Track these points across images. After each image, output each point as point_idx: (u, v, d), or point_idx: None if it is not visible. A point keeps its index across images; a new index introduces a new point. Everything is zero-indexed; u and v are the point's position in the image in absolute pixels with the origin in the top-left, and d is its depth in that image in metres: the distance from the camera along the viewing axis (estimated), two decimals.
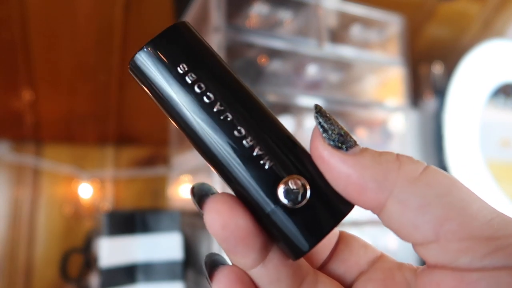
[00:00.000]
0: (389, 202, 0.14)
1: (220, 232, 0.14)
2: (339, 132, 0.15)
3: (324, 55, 0.71)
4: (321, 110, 0.15)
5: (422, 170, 0.14)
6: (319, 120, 0.15)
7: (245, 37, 0.64)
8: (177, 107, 0.16)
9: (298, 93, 0.69)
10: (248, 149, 0.15)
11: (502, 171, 0.94)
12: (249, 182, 0.15)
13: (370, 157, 0.14)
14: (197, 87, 0.15)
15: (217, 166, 0.16)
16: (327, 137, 0.15)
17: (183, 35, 0.16)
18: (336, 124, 0.15)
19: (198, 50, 0.16)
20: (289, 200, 0.14)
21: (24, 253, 0.89)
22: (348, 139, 0.15)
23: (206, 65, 0.16)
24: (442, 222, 0.13)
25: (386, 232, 0.73)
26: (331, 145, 0.15)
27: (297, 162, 0.15)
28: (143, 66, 0.16)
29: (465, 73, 0.92)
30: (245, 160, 0.15)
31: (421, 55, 1.00)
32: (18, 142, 0.92)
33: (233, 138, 0.15)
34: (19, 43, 0.77)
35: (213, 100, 0.15)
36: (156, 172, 0.99)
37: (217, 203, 0.15)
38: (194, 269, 0.67)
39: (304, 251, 0.15)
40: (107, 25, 0.80)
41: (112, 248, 0.57)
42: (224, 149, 0.15)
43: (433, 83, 0.96)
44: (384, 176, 0.14)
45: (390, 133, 0.78)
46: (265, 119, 0.16)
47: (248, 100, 0.16)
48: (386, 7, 0.79)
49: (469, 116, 0.92)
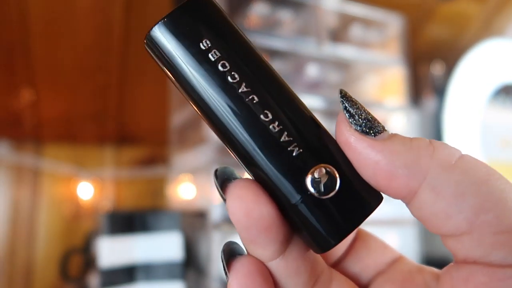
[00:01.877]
0: (421, 190, 0.13)
1: (243, 219, 0.13)
2: (366, 117, 0.14)
3: (324, 55, 0.71)
4: (346, 95, 0.15)
5: (458, 157, 0.13)
6: (345, 105, 0.14)
7: None
8: (197, 86, 0.14)
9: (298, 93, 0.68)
10: (275, 134, 0.14)
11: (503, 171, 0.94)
12: (275, 170, 0.14)
13: (400, 142, 0.13)
14: (220, 66, 0.14)
15: (239, 152, 0.14)
16: (354, 122, 0.14)
17: (206, 8, 0.15)
18: (363, 108, 0.14)
19: (222, 26, 0.15)
20: (318, 190, 0.14)
21: (24, 253, 0.89)
22: (376, 124, 0.14)
23: (231, 42, 0.15)
24: (478, 212, 0.12)
25: (386, 232, 0.73)
26: (358, 131, 0.14)
27: (326, 150, 0.14)
28: (160, 41, 0.14)
29: (465, 73, 0.92)
30: (272, 146, 0.14)
31: (421, 55, 1.00)
32: (18, 142, 0.92)
33: (259, 122, 0.14)
34: (19, 43, 0.77)
35: (238, 80, 0.14)
36: (156, 172, 0.99)
37: (241, 188, 0.14)
38: (194, 269, 0.67)
39: (331, 244, 0.14)
40: (107, 25, 0.80)
41: (112, 248, 0.57)
42: (249, 133, 0.14)
43: (433, 83, 0.96)
44: (416, 162, 0.13)
45: None
46: (293, 103, 0.15)
47: (275, 82, 0.15)
48: (386, 7, 0.79)
49: (469, 116, 0.92)
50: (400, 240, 0.73)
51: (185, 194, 0.78)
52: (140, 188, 1.00)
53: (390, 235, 0.73)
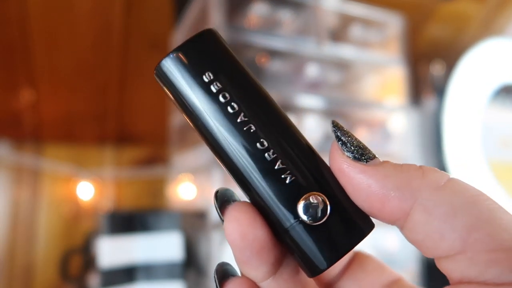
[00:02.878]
0: (414, 211, 0.13)
1: (238, 241, 0.14)
2: (358, 144, 0.15)
3: (324, 55, 0.71)
4: (338, 125, 0.15)
5: (446, 179, 0.13)
6: (337, 134, 0.15)
7: (245, 37, 0.64)
8: (200, 115, 0.15)
9: (298, 93, 0.68)
10: (270, 162, 0.15)
11: (503, 171, 0.94)
12: (269, 196, 0.15)
13: (391, 167, 0.14)
14: (221, 97, 0.15)
15: (237, 176, 0.16)
16: (346, 150, 0.15)
17: (210, 42, 0.16)
18: (354, 137, 0.15)
19: (224, 59, 0.16)
20: (309, 216, 0.14)
21: (24, 253, 0.89)
22: (367, 151, 0.15)
23: (232, 74, 0.16)
24: (470, 231, 0.12)
25: (386, 233, 0.73)
26: (350, 158, 0.15)
27: (319, 178, 0.15)
28: (168, 72, 0.16)
29: (465, 73, 0.92)
30: (267, 173, 0.15)
31: (421, 55, 1.00)
32: (18, 142, 0.92)
33: (255, 150, 0.15)
34: (19, 43, 0.77)
35: (237, 110, 0.15)
36: (156, 172, 0.99)
37: (238, 211, 0.15)
38: (194, 269, 0.67)
39: (321, 269, 0.15)
40: (107, 25, 0.80)
41: (112, 248, 0.57)
42: (245, 160, 0.15)
43: (433, 82, 0.96)
44: (407, 183, 0.13)
45: (390, 133, 0.78)
46: (288, 132, 0.16)
47: (272, 112, 0.16)
48: (386, 7, 0.79)
49: (469, 116, 0.92)
50: (400, 241, 0.73)
51: (185, 194, 0.78)
52: (140, 188, 1.00)
53: (390, 235, 0.73)
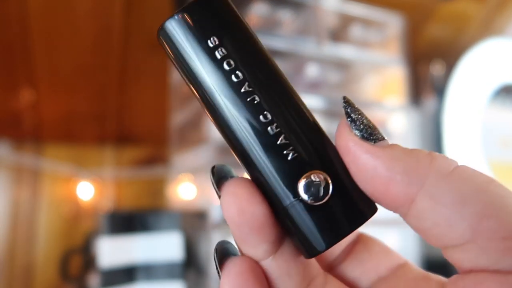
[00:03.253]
0: (420, 197, 0.12)
1: (235, 217, 0.14)
2: (368, 123, 0.14)
3: (324, 55, 0.71)
4: (349, 101, 0.15)
5: (455, 166, 0.13)
6: (347, 110, 0.14)
7: None
8: (202, 82, 0.14)
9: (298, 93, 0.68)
10: (273, 136, 0.14)
11: (503, 171, 0.94)
12: (269, 171, 0.14)
13: (399, 150, 0.13)
14: (226, 64, 0.14)
15: (237, 149, 0.15)
16: (355, 127, 0.14)
17: (218, 5, 0.15)
18: (365, 116, 0.14)
19: (232, 24, 0.15)
20: (310, 195, 0.14)
21: (24, 253, 0.89)
22: (376, 131, 0.14)
23: (239, 41, 0.15)
24: (480, 219, 0.12)
25: (386, 232, 0.73)
26: (358, 136, 0.14)
27: (322, 156, 0.14)
28: (171, 35, 0.15)
29: (465, 73, 0.92)
30: (268, 148, 0.14)
31: (421, 55, 1.00)
32: (18, 142, 0.92)
33: (258, 122, 0.14)
34: (19, 43, 0.77)
35: (242, 79, 0.14)
36: (156, 172, 0.99)
37: (236, 187, 0.14)
38: (194, 269, 0.67)
39: (319, 250, 0.14)
40: (107, 25, 0.80)
41: (112, 248, 0.57)
42: (247, 133, 0.14)
43: (433, 82, 0.96)
44: (414, 168, 0.13)
45: (390, 133, 0.78)
46: (294, 106, 0.15)
47: (279, 84, 0.15)
48: (386, 7, 0.79)
49: (469, 116, 0.92)
50: (400, 240, 0.73)
51: (185, 194, 0.78)
52: (140, 188, 1.00)
53: (390, 235, 0.73)
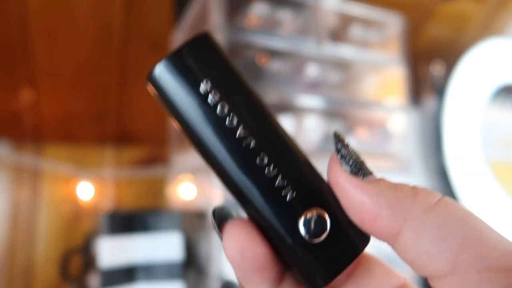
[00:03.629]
0: (404, 231, 0.13)
1: (237, 259, 0.14)
2: (356, 159, 0.15)
3: (324, 55, 0.71)
4: (339, 137, 0.15)
5: (437, 200, 0.14)
6: (337, 146, 0.15)
7: (245, 37, 0.64)
8: (196, 127, 0.15)
9: (298, 93, 0.68)
10: (270, 179, 0.14)
11: (503, 171, 0.94)
12: (269, 213, 0.15)
13: (385, 185, 0.14)
14: (219, 108, 0.14)
15: (235, 192, 0.15)
16: (344, 163, 0.15)
17: (207, 48, 0.15)
18: (354, 152, 0.15)
19: (222, 67, 0.15)
20: (310, 233, 0.14)
21: (24, 253, 0.89)
22: (364, 167, 0.15)
23: (231, 84, 0.15)
24: (459, 252, 0.12)
25: None
26: (347, 172, 0.15)
27: (318, 193, 0.15)
28: (162, 79, 0.15)
29: (465, 73, 0.92)
30: (266, 190, 0.14)
31: (421, 55, 1.00)
32: (18, 142, 0.92)
33: (255, 166, 0.14)
34: (19, 43, 0.77)
35: (236, 124, 0.14)
36: (156, 172, 0.99)
37: (236, 229, 0.14)
38: (194, 269, 0.67)
39: (321, 285, 0.15)
40: (107, 25, 0.80)
41: (112, 248, 0.57)
42: (244, 176, 0.14)
43: (433, 83, 0.96)
44: (399, 204, 0.14)
45: (390, 133, 0.78)
46: (288, 147, 0.15)
47: (272, 127, 0.15)
48: (386, 7, 0.79)
49: (469, 116, 0.92)
50: None
51: (185, 194, 0.78)
52: (140, 188, 1.00)
53: None
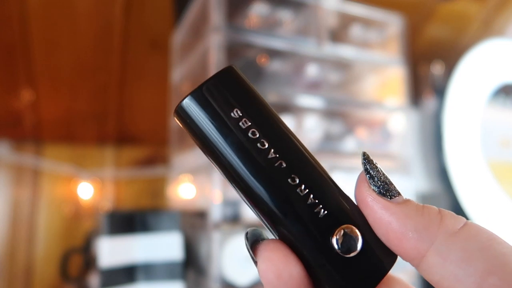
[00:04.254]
0: (430, 254, 0.14)
1: (274, 281, 0.14)
2: (385, 180, 0.15)
3: (324, 55, 0.71)
4: (368, 158, 0.16)
5: (462, 224, 0.14)
6: (366, 167, 0.16)
7: (245, 37, 0.64)
8: (228, 154, 0.15)
9: (298, 93, 0.68)
10: (303, 197, 0.15)
11: (503, 171, 0.94)
12: (303, 230, 0.15)
13: (413, 207, 0.15)
14: (251, 134, 0.15)
15: (268, 213, 0.15)
16: (373, 184, 0.15)
17: (234, 80, 0.16)
18: (382, 172, 0.16)
19: (250, 96, 0.16)
20: (342, 248, 0.15)
21: (24, 253, 0.89)
22: (392, 188, 0.15)
23: (259, 111, 0.16)
24: (485, 276, 0.13)
25: None
26: (375, 192, 0.15)
27: (348, 211, 0.15)
28: (192, 112, 0.15)
29: (465, 73, 0.92)
30: (300, 208, 0.15)
31: (421, 55, 1.00)
32: (18, 142, 0.92)
33: (287, 186, 0.15)
34: (19, 43, 0.77)
35: (267, 147, 0.15)
36: (156, 172, 0.99)
37: (271, 250, 0.15)
38: (194, 269, 0.67)
39: None
40: (107, 25, 0.80)
41: (112, 248, 0.57)
42: (278, 196, 0.15)
43: (433, 83, 0.96)
44: (425, 227, 0.14)
45: (390, 133, 0.78)
46: (316, 167, 0.16)
47: (299, 147, 0.16)
48: (386, 7, 0.79)
49: (469, 116, 0.92)
50: None
51: (185, 194, 0.78)
52: (140, 188, 1.00)
53: None
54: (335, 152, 0.71)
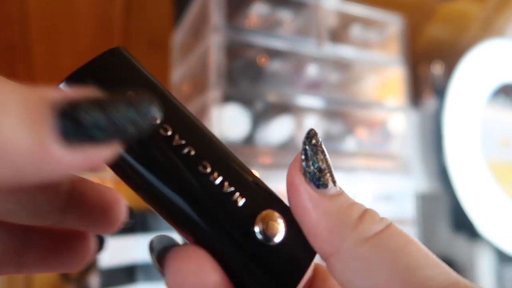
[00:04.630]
0: (333, 258, 0.13)
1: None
2: (321, 166, 0.14)
3: (324, 55, 0.71)
4: (312, 137, 0.14)
5: (378, 230, 0.13)
6: (305, 146, 0.14)
7: (245, 37, 0.64)
8: (127, 148, 0.13)
9: (298, 93, 0.68)
10: (217, 185, 0.13)
11: (503, 171, 0.94)
12: (222, 224, 0.13)
13: (336, 206, 0.13)
14: (162, 130, 0.13)
15: (178, 212, 0.13)
16: (305, 167, 0.14)
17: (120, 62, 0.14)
18: (322, 157, 0.14)
19: (140, 77, 0.14)
20: (266, 237, 0.13)
21: None
22: (325, 176, 0.14)
23: (157, 94, 0.14)
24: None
25: None
26: (305, 176, 0.14)
27: (268, 195, 0.14)
28: None
29: (465, 73, 0.92)
30: (216, 199, 0.13)
31: (421, 55, 1.00)
32: None
33: (197, 174, 0.13)
34: (19, 43, 0.77)
35: (171, 134, 0.13)
36: None
37: (181, 260, 0.13)
38: None
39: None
40: (107, 25, 0.80)
41: (112, 248, 0.57)
42: (188, 187, 0.13)
43: (433, 83, 0.96)
44: (338, 231, 0.13)
45: (390, 133, 0.78)
46: (227, 153, 0.14)
47: (205, 132, 0.14)
48: (386, 7, 0.79)
49: (469, 116, 0.92)
50: None
51: None
52: None
53: None
54: (335, 152, 0.71)
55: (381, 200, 0.73)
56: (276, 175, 0.66)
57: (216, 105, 0.61)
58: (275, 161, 0.64)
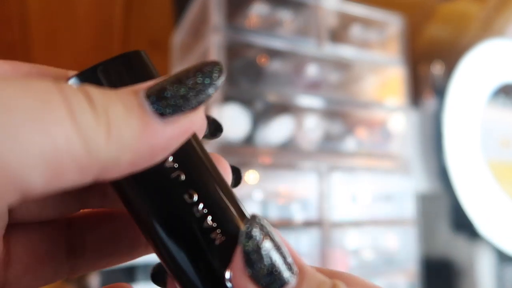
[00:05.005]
0: None
1: None
2: (270, 269, 0.11)
3: (324, 55, 0.71)
4: (257, 224, 0.12)
5: None
6: (247, 247, 0.12)
7: (245, 37, 0.64)
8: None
9: (298, 93, 0.68)
10: (199, 218, 0.12)
11: (503, 171, 0.94)
12: (195, 260, 0.12)
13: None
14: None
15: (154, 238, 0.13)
16: (252, 274, 0.11)
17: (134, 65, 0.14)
18: (270, 252, 0.12)
19: None
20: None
21: None
22: (278, 277, 0.11)
23: None
24: None
25: (386, 232, 0.73)
26: (255, 283, 0.11)
27: None
28: None
29: (465, 73, 0.93)
30: (193, 231, 0.12)
31: (421, 55, 1.00)
32: None
33: (181, 201, 0.12)
34: (19, 43, 0.77)
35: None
36: None
37: None
38: None
39: None
40: (107, 25, 0.80)
41: None
42: (167, 215, 0.12)
43: (433, 83, 0.96)
44: None
45: (390, 133, 0.78)
46: (223, 187, 0.13)
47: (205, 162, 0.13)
48: (386, 7, 0.79)
49: (469, 116, 0.92)
50: (400, 240, 0.73)
51: None
52: None
53: (390, 235, 0.73)
54: (335, 152, 0.71)
55: (381, 200, 0.73)
56: (276, 175, 0.66)
57: (216, 105, 0.61)
58: (275, 161, 0.64)
